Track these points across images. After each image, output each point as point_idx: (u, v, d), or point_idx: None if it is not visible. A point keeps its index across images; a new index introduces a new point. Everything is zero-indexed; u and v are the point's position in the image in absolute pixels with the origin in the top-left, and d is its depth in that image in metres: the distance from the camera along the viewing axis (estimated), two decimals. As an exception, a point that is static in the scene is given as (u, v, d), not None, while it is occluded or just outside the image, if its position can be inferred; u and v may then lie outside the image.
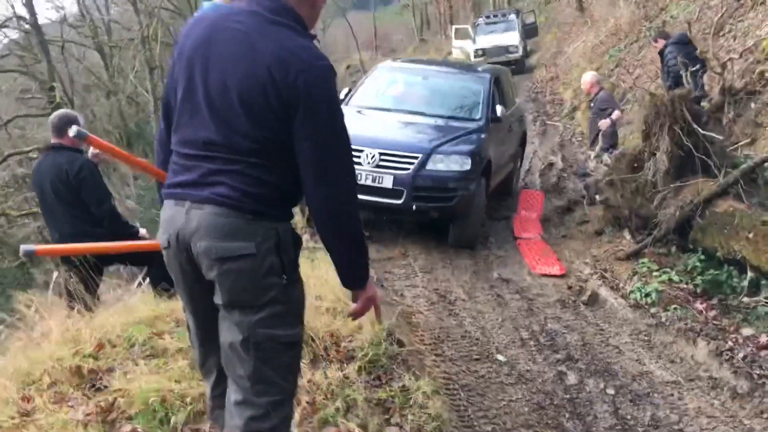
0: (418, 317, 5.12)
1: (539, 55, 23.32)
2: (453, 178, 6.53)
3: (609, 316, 5.68)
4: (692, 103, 6.05)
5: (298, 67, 1.92)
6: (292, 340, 2.09)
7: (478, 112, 7.59)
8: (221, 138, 1.98)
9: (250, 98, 1.93)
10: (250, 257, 1.96)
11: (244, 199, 1.96)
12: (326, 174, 1.98)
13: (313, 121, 1.95)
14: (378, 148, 6.49)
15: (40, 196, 4.66)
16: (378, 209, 6.80)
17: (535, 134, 13.55)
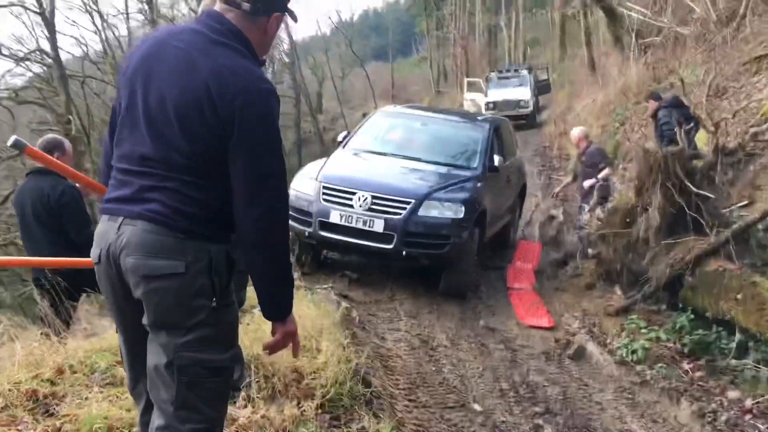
0: (396, 361, 5.04)
1: (550, 111, 23.48)
2: (446, 225, 6.44)
3: (594, 371, 5.58)
4: (686, 161, 6.04)
5: (236, 86, 1.90)
6: (220, 365, 2.01)
7: (475, 160, 7.55)
8: (157, 154, 1.95)
9: (186, 114, 1.92)
10: (178, 276, 1.91)
11: (176, 217, 1.92)
12: (258, 196, 1.93)
13: (248, 142, 1.92)
14: (370, 191, 6.43)
15: (21, 219, 4.66)
16: (367, 253, 6.75)
17: (539, 187, 13.54)
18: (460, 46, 39.63)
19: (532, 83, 23.26)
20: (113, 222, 1.98)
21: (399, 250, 6.33)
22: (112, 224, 1.98)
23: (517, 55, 36.86)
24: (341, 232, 6.43)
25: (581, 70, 22.97)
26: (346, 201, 6.43)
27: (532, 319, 6.53)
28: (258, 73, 2.00)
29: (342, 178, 6.68)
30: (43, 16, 21.35)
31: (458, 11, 42.99)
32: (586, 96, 19.30)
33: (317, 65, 48.76)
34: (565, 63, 29.52)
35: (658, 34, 15.63)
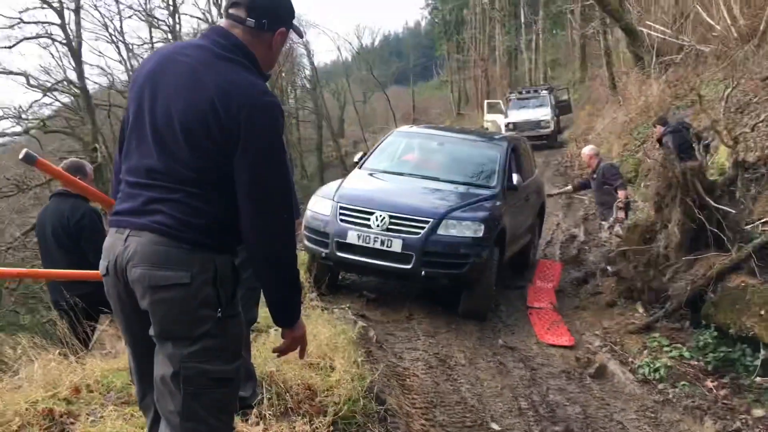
0: (413, 380, 5.00)
1: (571, 131, 23.44)
2: (465, 244, 6.31)
3: (616, 390, 5.48)
4: (704, 176, 5.98)
5: (241, 100, 1.94)
6: (226, 377, 2.02)
7: (494, 179, 7.43)
8: (163, 166, 1.99)
9: (191, 128, 1.95)
10: (183, 287, 1.93)
11: (182, 228, 1.95)
12: (264, 207, 1.97)
13: (252, 156, 1.95)
14: (388, 210, 6.33)
15: (41, 241, 4.75)
16: (386, 274, 6.65)
17: (560, 207, 13.46)
18: (480, 68, 39.83)
19: (553, 103, 23.25)
20: (120, 234, 2.02)
21: (418, 270, 6.21)
22: (119, 236, 2.02)
23: (538, 76, 36.91)
24: (359, 253, 6.33)
25: (602, 90, 22.94)
26: (363, 221, 6.34)
27: (552, 338, 6.45)
28: (262, 87, 2.03)
29: (359, 198, 6.61)
30: (69, 47, 21.88)
31: (478, 34, 43.32)
32: (607, 115, 19.24)
33: (339, 90, 49.27)
34: (585, 83, 29.53)
35: (678, 52, 15.60)
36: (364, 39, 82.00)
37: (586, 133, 20.32)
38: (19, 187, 18.49)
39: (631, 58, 18.94)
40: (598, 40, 23.54)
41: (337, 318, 5.31)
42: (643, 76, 17.08)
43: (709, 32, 14.62)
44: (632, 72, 18.61)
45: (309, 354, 4.09)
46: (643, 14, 17.97)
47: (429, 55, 59.82)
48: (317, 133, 42.33)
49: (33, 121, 22.67)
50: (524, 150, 9.01)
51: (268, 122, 1.98)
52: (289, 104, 43.19)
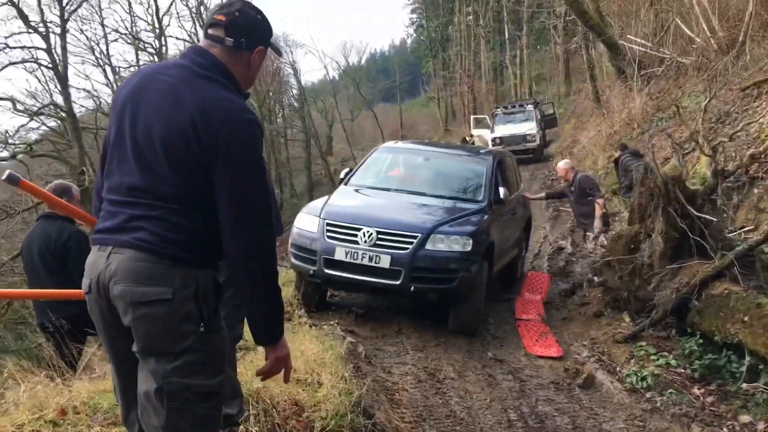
0: (402, 394, 5.01)
1: (557, 145, 23.63)
2: (454, 258, 6.26)
3: (604, 400, 5.51)
4: (686, 186, 6.06)
5: (220, 117, 1.97)
6: (209, 391, 2.03)
7: (481, 193, 7.41)
8: (144, 184, 2.01)
9: (171, 145, 1.98)
10: (165, 303, 1.95)
11: (162, 245, 1.97)
12: (243, 224, 1.99)
13: (232, 171, 1.98)
14: (376, 226, 6.28)
15: (27, 264, 4.74)
16: (374, 290, 6.57)
17: (547, 219, 13.56)
18: (466, 84, 40.15)
19: (538, 117, 23.46)
20: (102, 252, 2.04)
21: (407, 286, 6.14)
22: (101, 254, 2.04)
23: (523, 90, 37.25)
24: (347, 270, 6.25)
25: (586, 103, 23.18)
26: (350, 237, 6.28)
27: (540, 349, 6.48)
28: (240, 105, 2.06)
29: (346, 215, 6.57)
30: (56, 71, 21.89)
31: (463, 51, 43.71)
32: (592, 128, 19.45)
33: (326, 109, 49.46)
34: (570, 97, 29.82)
35: (660, 64, 15.78)
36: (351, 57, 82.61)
37: (572, 146, 20.51)
38: (7, 212, 18.41)
39: (614, 71, 19.16)
40: (582, 55, 23.84)
41: (326, 334, 5.32)
42: (626, 89, 17.27)
43: (689, 45, 14.83)
44: (615, 85, 18.82)
45: (296, 370, 4.09)
46: (624, 28, 18.20)
47: (415, 72, 60.18)
48: (306, 152, 42.44)
49: (20, 146, 22.60)
50: (510, 164, 9.09)
51: (248, 139, 2.00)
52: (277, 123, 43.39)
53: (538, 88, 38.45)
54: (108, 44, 30.13)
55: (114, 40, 43.01)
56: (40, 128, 24.89)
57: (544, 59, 40.27)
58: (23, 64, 22.50)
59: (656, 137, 13.03)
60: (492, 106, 32.74)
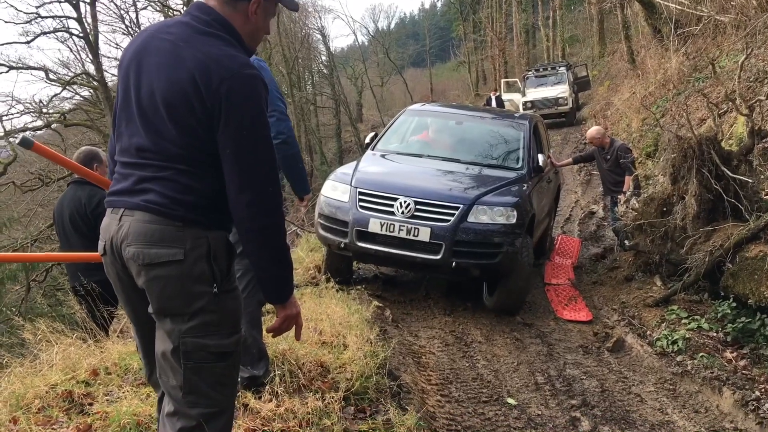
0: (428, 357, 5.03)
1: (590, 107, 23.19)
2: (498, 232, 5.79)
3: (634, 363, 5.47)
4: (720, 146, 5.89)
5: (221, 74, 1.92)
6: (225, 350, 2.03)
7: (519, 160, 6.92)
8: (151, 144, 2.00)
9: (174, 104, 1.95)
10: (177, 264, 1.95)
11: (173, 206, 1.96)
12: (248, 182, 1.95)
13: (235, 129, 1.93)
14: (413, 196, 5.82)
15: (59, 228, 4.83)
16: (411, 265, 6.06)
17: (579, 184, 13.38)
18: (497, 47, 39.49)
19: (571, 80, 23.00)
20: (115, 214, 2.04)
21: (448, 261, 5.70)
22: (114, 216, 2.04)
23: (556, 53, 36.52)
24: (381, 243, 5.81)
25: (621, 65, 22.66)
26: (386, 207, 5.84)
27: (569, 314, 6.44)
28: (242, 60, 1.99)
29: (380, 183, 6.10)
30: (87, 41, 21.95)
31: (494, 13, 42.89)
32: (626, 90, 19.01)
33: (356, 75, 49.16)
34: (604, 58, 29.15)
35: (697, 23, 15.29)
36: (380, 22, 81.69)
37: (605, 109, 20.10)
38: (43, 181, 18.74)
39: (650, 31, 18.62)
40: (616, 14, 23.22)
41: (353, 298, 5.34)
42: (661, 49, 16.80)
43: (727, 2, 14.31)
44: (651, 45, 18.32)
45: (322, 332, 4.14)
46: (660, -14, 17.64)
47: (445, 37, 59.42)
48: (335, 119, 42.34)
49: (54, 115, 22.84)
50: (542, 128, 8.74)
51: (250, 95, 1.95)
52: (307, 90, 43.24)
53: (571, 50, 37.65)
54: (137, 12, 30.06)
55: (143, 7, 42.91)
56: (73, 98, 25.05)
57: (577, 20, 39.40)
58: (55, 33, 22.66)
59: (692, 98, 12.67)
60: (524, 69, 32.25)
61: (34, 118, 22.44)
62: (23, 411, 3.17)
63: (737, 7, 13.55)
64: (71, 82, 22.68)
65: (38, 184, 18.92)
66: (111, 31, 44.65)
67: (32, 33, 22.30)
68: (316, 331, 4.09)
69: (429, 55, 55.46)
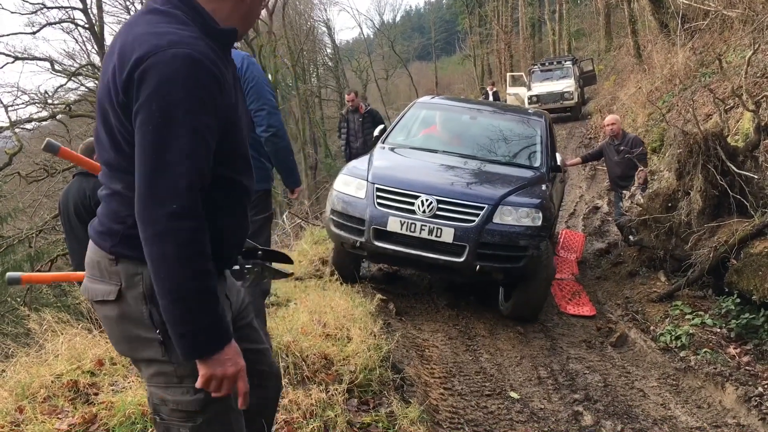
0: (432, 350, 5.05)
1: (596, 102, 23.13)
2: (524, 234, 5.51)
3: (637, 358, 5.48)
4: (726, 142, 5.88)
5: (137, 54, 1.50)
6: (189, 409, 1.68)
7: (537, 158, 6.63)
8: (99, 158, 1.71)
9: (102, 105, 1.61)
10: (113, 303, 1.66)
11: (103, 236, 1.68)
12: (149, 194, 1.51)
13: (143, 120, 1.50)
14: (435, 194, 5.52)
15: (65, 220, 4.83)
16: (431, 267, 5.69)
17: (583, 179, 13.36)
18: (503, 41, 39.39)
19: (577, 75, 22.90)
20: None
21: (471, 264, 5.41)
22: None
23: (562, 47, 36.37)
24: (400, 243, 5.50)
25: (627, 59, 22.60)
26: (406, 206, 5.53)
27: (573, 308, 6.44)
28: (173, 38, 1.54)
29: (399, 179, 5.75)
30: (92, 32, 22.00)
31: (500, 6, 42.72)
32: (632, 85, 18.96)
33: (361, 68, 49.08)
34: (610, 52, 29.07)
35: (704, 18, 15.22)
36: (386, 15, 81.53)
37: (611, 104, 20.04)
38: (48, 171, 18.76)
39: (657, 25, 18.55)
40: (623, 9, 23.11)
41: (356, 291, 5.35)
42: (668, 44, 16.75)
43: (735, -4, 14.25)
44: (657, 40, 18.26)
45: (326, 324, 4.15)
46: (667, -20, 17.57)
47: (451, 30, 59.22)
48: (340, 112, 42.34)
49: (59, 106, 22.87)
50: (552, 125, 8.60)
51: (170, 78, 1.49)
52: (312, 83, 43.22)
53: (577, 44, 37.53)
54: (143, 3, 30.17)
55: (149, -1, 42.99)
56: (78, 89, 25.07)
57: (583, 14, 39.25)
58: (60, 24, 22.72)
59: (698, 93, 12.64)
60: (529, 63, 32.12)
61: (39, 109, 22.49)
62: (29, 400, 3.20)
63: (745, 2, 13.49)
64: (76, 73, 22.73)
65: (43, 175, 18.94)
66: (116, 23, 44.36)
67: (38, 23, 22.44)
68: (320, 324, 4.10)
69: (434, 49, 55.21)
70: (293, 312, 4.57)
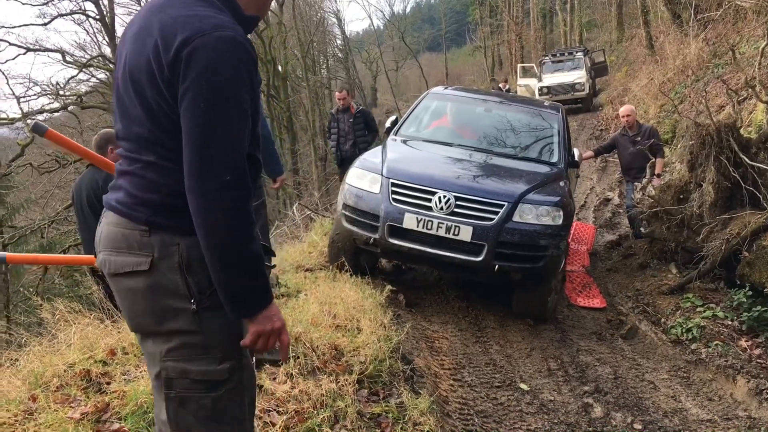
0: (442, 342, 5.05)
1: (607, 93, 22.98)
2: (544, 233, 5.30)
3: (647, 350, 5.47)
4: (739, 133, 5.84)
5: (183, 35, 1.58)
6: (213, 379, 1.70)
7: (555, 153, 6.38)
8: (125, 131, 1.75)
9: (139, 80, 1.66)
10: (144, 274, 1.67)
11: (136, 207, 1.69)
12: (200, 167, 1.59)
13: (192, 100, 1.58)
14: (453, 191, 5.29)
15: (78, 210, 4.86)
16: (448, 266, 5.48)
17: (594, 170, 13.29)
18: (513, 32, 39.19)
19: (588, 66, 22.74)
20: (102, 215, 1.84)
21: (490, 264, 5.20)
22: (101, 217, 1.84)
23: (573, 38, 36.12)
24: (416, 240, 5.29)
25: (639, 50, 22.44)
26: (423, 202, 5.31)
27: (583, 300, 6.43)
28: (218, 21, 1.64)
29: (415, 175, 5.50)
30: (103, 23, 22.07)
31: (511, -3, 42.49)
32: (644, 76, 18.82)
33: (371, 59, 49.02)
34: (622, 43, 28.84)
35: (717, 8, 15.09)
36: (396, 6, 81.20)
37: (623, 95, 19.91)
38: (59, 162, 18.88)
39: (669, 16, 18.40)
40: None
41: (367, 282, 5.35)
42: (681, 35, 16.62)
43: (749, -14, 14.10)
44: (670, 31, 18.12)
45: (336, 315, 4.16)
46: (680, -31, 17.42)
47: (461, 21, 58.88)
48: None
49: (70, 98, 23.01)
50: None
51: (218, 59, 1.58)
52: (321, 74, 43.18)
53: (588, 35, 37.28)
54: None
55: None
56: (89, 80, 25.21)
57: (595, 5, 38.92)
58: (71, 15, 22.78)
59: (711, 84, 12.54)
60: (540, 54, 31.93)
61: (51, 100, 22.64)
62: (42, 389, 3.22)
63: (759, -8, 13.36)
64: (88, 65, 22.84)
65: (55, 166, 19.08)
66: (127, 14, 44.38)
67: (49, 15, 22.51)
68: (330, 315, 4.11)
69: (444, 40, 55.01)
70: (303, 303, 4.57)
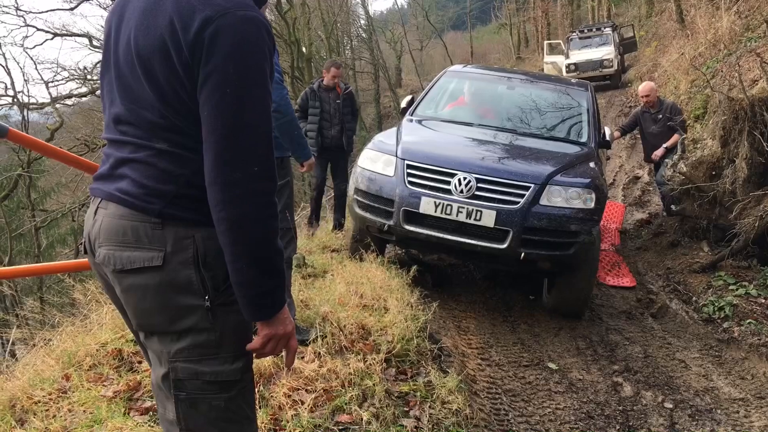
0: (469, 322, 5.04)
1: (636, 69, 22.58)
2: (574, 218, 4.88)
3: (678, 329, 5.40)
4: (774, 107, 5.70)
5: (205, 14, 1.47)
6: (225, 379, 1.61)
7: (584, 133, 6.00)
8: (129, 114, 1.60)
9: (151, 59, 1.53)
10: (155, 270, 1.54)
11: (148, 198, 1.56)
12: (227, 154, 1.47)
13: (217, 83, 1.47)
14: (474, 172, 4.89)
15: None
16: (469, 254, 5.10)
17: (623, 148, 13.10)
18: (540, 9, 38.62)
19: (617, 41, 22.33)
20: (93, 205, 1.68)
21: (515, 251, 4.79)
22: (92, 208, 1.68)
23: (601, 13, 35.49)
24: (434, 227, 4.91)
25: (669, 25, 21.95)
26: (441, 185, 4.93)
27: (613, 279, 6.36)
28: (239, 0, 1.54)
29: (432, 156, 5.11)
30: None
31: (538, -28, 41.82)
32: (674, 51, 18.43)
33: (395, 39, 48.63)
34: (651, 18, 28.26)
35: (751, -21, 14.72)
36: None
37: (652, 71, 19.56)
38: (89, 146, 19.12)
39: (701, -12, 18.00)
40: (665, -28, 22.46)
41: (393, 262, 5.34)
42: (712, 8, 16.23)
43: (784, -44, 13.72)
44: (701, 4, 17.70)
45: (363, 295, 4.17)
46: (712, -60, 16.97)
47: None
48: (374, 84, 42.08)
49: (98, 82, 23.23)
50: None
51: (243, 40, 1.48)
52: (345, 55, 43.02)
53: (617, 10, 36.54)
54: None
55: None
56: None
57: (624, -21, 38.18)
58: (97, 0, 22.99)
59: (744, 58, 12.24)
60: (567, 31, 31.46)
61: (78, 85, 22.86)
62: (75, 368, 3.29)
63: (794, -38, 12.98)
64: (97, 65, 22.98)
65: (84, 150, 19.31)
66: None
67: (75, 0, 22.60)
68: (357, 294, 4.12)
69: (469, 18, 54.35)
70: (330, 283, 4.59)
